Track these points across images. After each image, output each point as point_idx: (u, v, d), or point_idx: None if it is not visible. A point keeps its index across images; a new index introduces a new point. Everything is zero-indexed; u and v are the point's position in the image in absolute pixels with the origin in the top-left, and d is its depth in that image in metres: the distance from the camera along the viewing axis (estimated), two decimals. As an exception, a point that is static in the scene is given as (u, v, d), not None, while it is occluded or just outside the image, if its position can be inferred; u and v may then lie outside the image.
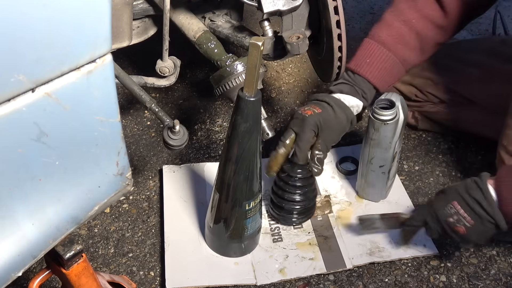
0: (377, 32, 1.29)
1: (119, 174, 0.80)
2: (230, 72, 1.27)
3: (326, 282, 1.23)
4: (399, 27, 1.27)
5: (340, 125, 1.23)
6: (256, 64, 0.95)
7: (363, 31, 2.03)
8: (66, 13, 0.61)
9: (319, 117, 1.20)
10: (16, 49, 0.58)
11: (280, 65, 1.88)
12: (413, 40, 1.27)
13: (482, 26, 2.03)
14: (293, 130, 1.22)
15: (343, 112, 1.23)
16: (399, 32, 1.27)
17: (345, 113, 1.23)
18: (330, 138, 1.23)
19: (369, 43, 1.28)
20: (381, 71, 1.27)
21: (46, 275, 0.90)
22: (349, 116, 1.24)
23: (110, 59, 0.69)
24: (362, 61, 1.27)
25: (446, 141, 1.57)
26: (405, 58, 1.28)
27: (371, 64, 1.26)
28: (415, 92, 1.51)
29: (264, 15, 1.16)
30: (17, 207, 0.69)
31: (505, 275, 1.24)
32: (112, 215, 1.39)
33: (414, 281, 1.23)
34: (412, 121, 1.56)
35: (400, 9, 1.28)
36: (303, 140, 1.20)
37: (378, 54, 1.27)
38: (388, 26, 1.28)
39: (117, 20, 1.19)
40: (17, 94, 0.60)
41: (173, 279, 1.21)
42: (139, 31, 1.37)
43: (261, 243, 1.30)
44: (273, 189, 1.32)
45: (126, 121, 1.67)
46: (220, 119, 1.67)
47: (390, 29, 1.27)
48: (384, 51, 1.27)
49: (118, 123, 0.75)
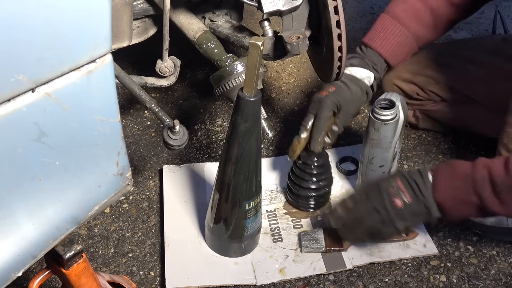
0: (392, 7, 1.34)
1: (119, 174, 0.80)
2: (230, 72, 1.27)
3: (326, 282, 1.23)
4: (414, 3, 1.32)
5: (356, 98, 1.29)
6: (256, 64, 0.95)
7: (363, 31, 2.03)
8: (66, 13, 0.61)
9: (335, 96, 1.26)
10: (16, 49, 0.58)
11: (280, 65, 1.88)
12: (427, 16, 1.32)
13: (482, 26, 2.03)
14: (312, 113, 1.28)
15: (356, 85, 1.29)
16: (414, 7, 1.32)
17: (358, 85, 1.29)
18: (349, 112, 1.29)
19: (383, 18, 1.34)
20: (393, 45, 1.32)
21: (46, 275, 0.90)
22: (363, 87, 1.30)
23: (110, 59, 0.69)
24: (375, 35, 1.33)
25: (446, 141, 1.57)
26: (419, 34, 1.34)
27: (384, 38, 1.32)
28: (416, 90, 1.51)
29: (264, 15, 1.16)
30: (17, 207, 0.69)
31: (505, 275, 1.24)
32: (112, 215, 1.39)
33: (414, 281, 1.23)
34: (413, 119, 1.56)
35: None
36: (320, 119, 1.26)
37: (392, 29, 1.32)
38: (403, 2, 1.34)
39: (117, 20, 1.19)
40: (17, 94, 0.60)
41: (173, 279, 1.21)
42: (139, 31, 1.37)
43: (261, 243, 1.30)
44: (289, 175, 1.36)
45: (126, 121, 1.67)
46: (220, 119, 1.67)
47: (405, 4, 1.33)
48: (398, 25, 1.32)
49: (118, 123, 0.75)
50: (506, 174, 1.04)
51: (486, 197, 1.05)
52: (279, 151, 1.55)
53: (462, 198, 1.08)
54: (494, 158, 1.09)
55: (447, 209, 1.10)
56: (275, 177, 1.45)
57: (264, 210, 1.36)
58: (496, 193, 1.04)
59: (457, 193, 1.08)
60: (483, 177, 1.05)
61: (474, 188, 1.06)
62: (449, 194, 1.08)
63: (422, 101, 1.52)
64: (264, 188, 1.37)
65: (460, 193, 1.08)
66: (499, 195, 1.04)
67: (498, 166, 1.05)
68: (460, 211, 1.10)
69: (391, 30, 1.32)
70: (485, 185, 1.05)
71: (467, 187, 1.07)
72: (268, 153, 1.55)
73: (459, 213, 1.11)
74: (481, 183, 1.05)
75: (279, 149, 1.56)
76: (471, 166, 1.08)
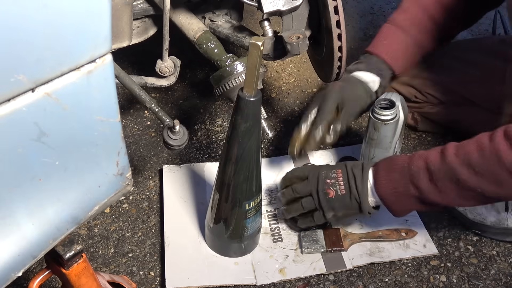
0: (394, 17, 1.38)
1: (119, 174, 0.80)
2: (230, 72, 1.27)
3: (326, 282, 1.23)
4: (416, 13, 1.35)
5: (360, 98, 1.31)
6: (256, 64, 0.95)
7: (363, 31, 2.03)
8: (66, 13, 0.60)
9: (340, 91, 1.29)
10: (16, 49, 0.58)
11: (280, 65, 1.88)
12: (429, 25, 1.35)
13: (482, 26, 2.03)
14: (314, 105, 1.31)
15: (361, 86, 1.31)
16: (416, 16, 1.35)
17: (363, 87, 1.31)
18: (352, 111, 1.30)
19: (386, 27, 1.38)
20: (396, 51, 1.35)
21: (46, 275, 0.90)
22: (367, 90, 1.32)
23: (110, 59, 0.69)
24: (379, 43, 1.37)
25: (446, 141, 1.55)
26: (421, 42, 1.36)
27: (387, 45, 1.35)
28: (414, 93, 1.51)
29: (264, 15, 1.16)
30: (17, 207, 0.69)
31: (505, 275, 1.24)
32: (112, 215, 1.39)
33: (414, 281, 1.23)
34: (411, 122, 1.56)
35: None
36: (324, 111, 1.27)
37: (394, 36, 1.36)
38: (405, 12, 1.37)
39: (117, 20, 1.19)
40: (17, 94, 0.60)
41: (173, 279, 1.21)
42: (139, 31, 1.37)
43: (261, 243, 1.30)
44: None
45: (126, 121, 1.67)
46: (220, 119, 1.67)
47: (407, 14, 1.36)
48: (401, 33, 1.35)
49: (118, 123, 0.75)
50: (441, 161, 1.05)
51: (423, 187, 1.06)
52: (279, 151, 1.55)
53: (401, 191, 1.09)
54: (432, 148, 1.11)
55: (389, 202, 1.12)
56: (275, 177, 1.45)
57: (264, 210, 1.36)
58: (433, 182, 1.05)
59: (396, 186, 1.10)
60: (419, 168, 1.07)
61: (411, 179, 1.07)
62: (389, 188, 1.10)
63: (420, 104, 1.52)
64: (264, 188, 1.37)
65: (398, 186, 1.09)
66: (436, 183, 1.05)
67: (433, 155, 1.07)
68: (402, 204, 1.12)
69: (393, 37, 1.36)
70: (421, 174, 1.06)
71: (405, 179, 1.08)
72: (268, 153, 1.55)
73: (402, 207, 1.13)
74: (417, 174, 1.06)
75: (279, 149, 1.56)
76: (408, 158, 1.10)
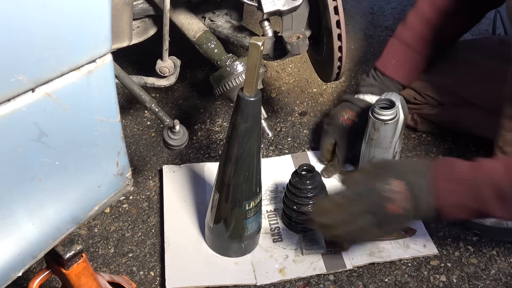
0: (401, 33, 1.44)
1: (119, 174, 0.80)
2: (230, 72, 1.27)
3: (326, 282, 1.23)
4: (420, 28, 1.41)
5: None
6: (256, 64, 0.95)
7: (363, 31, 2.03)
8: (66, 13, 0.61)
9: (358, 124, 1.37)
10: (16, 49, 0.58)
11: (280, 65, 1.88)
12: (434, 38, 1.41)
13: (482, 26, 2.03)
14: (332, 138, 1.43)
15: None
16: (421, 31, 1.41)
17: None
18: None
19: (394, 44, 1.44)
20: (406, 70, 1.44)
21: (46, 275, 0.90)
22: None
23: (110, 59, 0.69)
24: (388, 62, 1.43)
25: (446, 141, 1.57)
26: (429, 55, 1.44)
27: (397, 65, 1.43)
28: (413, 95, 1.50)
29: (264, 15, 1.16)
30: (17, 207, 0.69)
31: (505, 275, 1.24)
32: (112, 215, 1.39)
33: (414, 281, 1.23)
34: (411, 123, 1.56)
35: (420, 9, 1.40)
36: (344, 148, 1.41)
37: (403, 55, 1.42)
38: (410, 27, 1.42)
39: (117, 20, 1.19)
40: (17, 94, 0.60)
41: (173, 279, 1.21)
42: (139, 31, 1.37)
43: (261, 243, 1.30)
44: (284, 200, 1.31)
45: (126, 121, 1.67)
46: (220, 119, 1.67)
47: (412, 30, 1.42)
48: (409, 52, 1.42)
49: (118, 123, 0.75)
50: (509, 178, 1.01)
51: (490, 203, 1.02)
52: (279, 151, 1.55)
53: (463, 204, 1.04)
54: (493, 160, 1.08)
55: (445, 213, 1.06)
56: (275, 177, 1.45)
57: (264, 210, 1.36)
58: (500, 199, 1.02)
59: (459, 200, 1.04)
60: (486, 183, 1.02)
61: (477, 194, 1.03)
62: (451, 201, 1.04)
63: (419, 105, 1.52)
64: (264, 188, 1.37)
65: (462, 200, 1.04)
66: (503, 200, 1.02)
67: (499, 171, 1.03)
68: (458, 216, 1.07)
69: (402, 56, 1.42)
70: (488, 191, 1.02)
71: (470, 193, 1.03)
72: (268, 153, 1.55)
73: (456, 217, 1.08)
74: (484, 190, 1.02)
75: (279, 149, 1.56)
76: (472, 169, 1.05)
